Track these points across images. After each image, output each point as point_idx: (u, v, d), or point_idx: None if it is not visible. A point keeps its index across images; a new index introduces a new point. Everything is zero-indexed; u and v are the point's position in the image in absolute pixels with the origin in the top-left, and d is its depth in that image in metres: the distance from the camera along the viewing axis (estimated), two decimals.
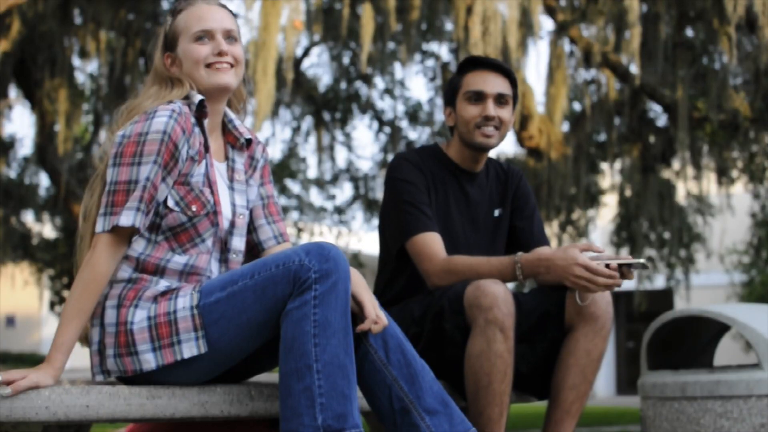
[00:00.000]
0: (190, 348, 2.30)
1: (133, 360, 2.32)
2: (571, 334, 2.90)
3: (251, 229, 2.62)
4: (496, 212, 3.16)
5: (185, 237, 2.41)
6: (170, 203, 2.38)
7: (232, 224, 2.51)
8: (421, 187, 3.03)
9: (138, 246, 2.39)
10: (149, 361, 2.31)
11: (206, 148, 2.46)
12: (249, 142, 2.60)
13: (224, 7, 2.57)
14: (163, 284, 2.38)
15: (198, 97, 2.46)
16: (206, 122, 2.49)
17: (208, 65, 2.48)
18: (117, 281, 2.37)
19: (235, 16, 2.60)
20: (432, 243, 2.95)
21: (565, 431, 2.90)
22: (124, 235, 2.34)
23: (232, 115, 2.60)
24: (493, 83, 3.07)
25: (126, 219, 2.31)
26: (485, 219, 3.14)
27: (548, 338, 2.94)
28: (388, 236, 3.10)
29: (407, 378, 2.36)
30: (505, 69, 3.12)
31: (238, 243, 2.53)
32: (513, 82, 3.13)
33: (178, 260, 2.40)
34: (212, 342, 2.31)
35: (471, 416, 2.74)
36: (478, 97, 3.06)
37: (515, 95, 3.14)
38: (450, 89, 3.15)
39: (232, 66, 2.50)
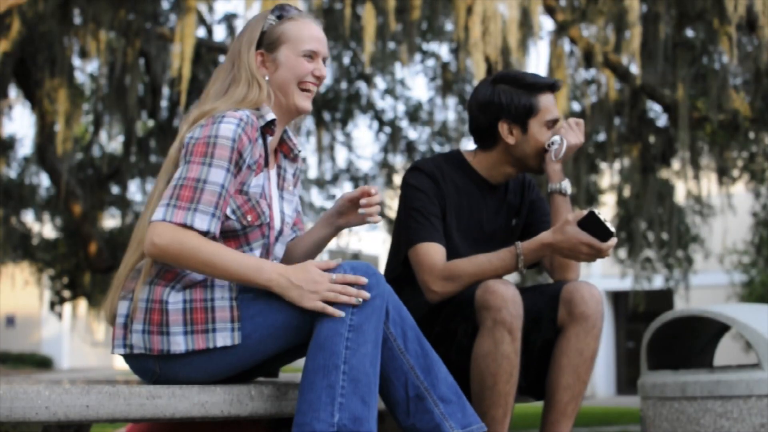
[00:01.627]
0: (224, 337, 2.31)
1: (162, 339, 2.32)
2: (563, 334, 2.89)
3: None
4: (514, 221, 3.17)
5: (234, 244, 2.43)
6: (227, 211, 2.39)
7: (280, 232, 2.54)
8: (432, 197, 3.00)
9: None
10: (179, 343, 2.31)
11: (266, 162, 2.48)
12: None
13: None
14: (200, 276, 2.37)
15: (270, 116, 2.47)
16: (270, 139, 2.51)
17: (302, 83, 2.52)
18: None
19: None
20: (433, 253, 2.92)
21: None
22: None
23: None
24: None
25: (201, 222, 2.30)
26: (503, 228, 3.14)
27: (541, 338, 2.94)
28: (399, 242, 3.09)
29: (423, 367, 2.39)
30: None
31: (280, 250, 2.57)
32: None
33: None
34: (244, 337, 2.32)
35: None
36: (554, 124, 3.10)
37: None
38: (522, 108, 3.06)
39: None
